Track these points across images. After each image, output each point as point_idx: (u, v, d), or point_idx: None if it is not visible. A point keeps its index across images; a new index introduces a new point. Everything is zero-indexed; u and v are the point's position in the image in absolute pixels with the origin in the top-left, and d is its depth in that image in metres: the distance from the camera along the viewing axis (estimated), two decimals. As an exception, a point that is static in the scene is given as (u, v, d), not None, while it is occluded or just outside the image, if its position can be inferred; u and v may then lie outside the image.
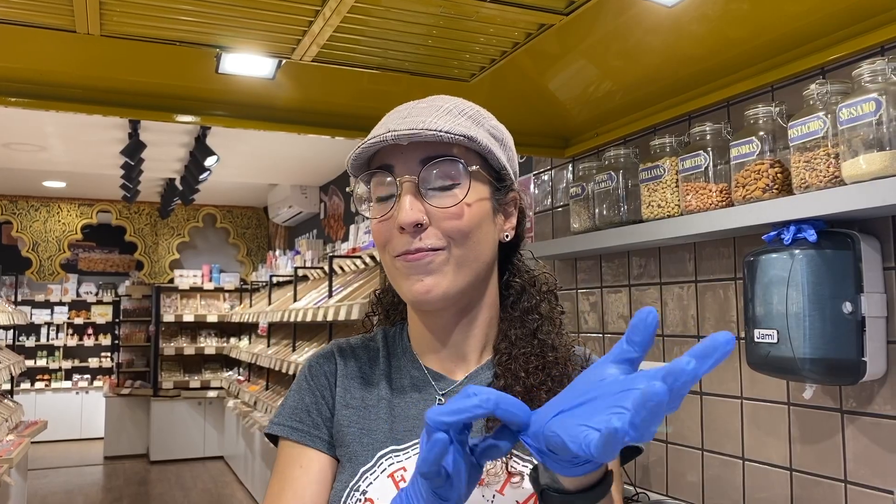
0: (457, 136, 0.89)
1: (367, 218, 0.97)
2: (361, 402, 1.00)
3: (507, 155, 0.98)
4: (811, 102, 1.61)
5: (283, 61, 1.98)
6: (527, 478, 0.90)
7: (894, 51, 1.59)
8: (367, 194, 0.95)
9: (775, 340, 1.62)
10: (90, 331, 10.33)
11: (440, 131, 0.88)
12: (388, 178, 0.92)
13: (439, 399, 0.98)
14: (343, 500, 0.93)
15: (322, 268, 5.64)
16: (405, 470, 0.93)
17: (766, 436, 1.89)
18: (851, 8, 1.58)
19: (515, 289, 1.02)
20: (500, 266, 1.03)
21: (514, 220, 1.01)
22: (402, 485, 0.91)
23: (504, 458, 0.91)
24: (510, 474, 0.91)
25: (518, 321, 0.99)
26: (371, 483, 0.93)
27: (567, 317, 2.85)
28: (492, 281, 1.00)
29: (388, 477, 0.93)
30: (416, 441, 0.94)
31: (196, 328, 8.89)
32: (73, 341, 10.25)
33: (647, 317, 0.66)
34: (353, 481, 0.94)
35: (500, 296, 1.03)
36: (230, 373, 8.52)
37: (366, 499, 0.92)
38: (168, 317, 8.59)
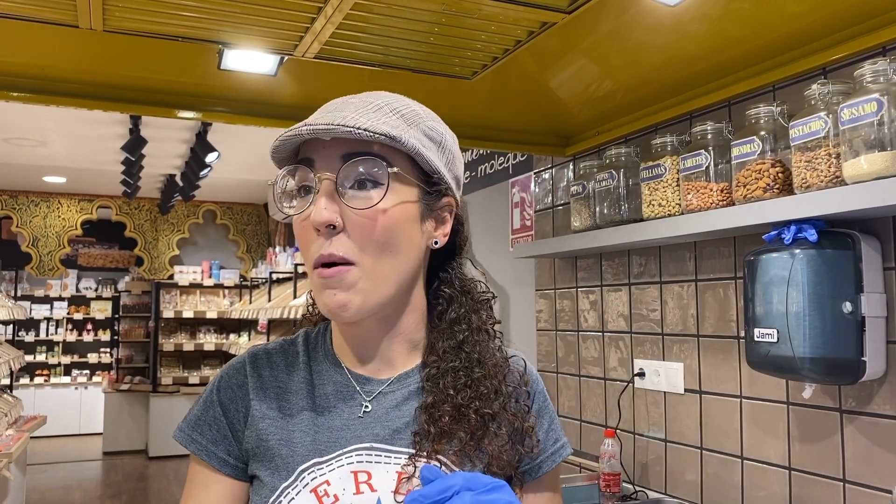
0: (376, 135, 0.85)
1: (286, 214, 0.92)
2: (279, 413, 0.94)
3: (444, 158, 0.94)
4: (812, 102, 1.61)
5: (285, 58, 1.98)
6: None
7: (896, 51, 1.59)
8: (291, 189, 0.92)
9: (775, 340, 1.62)
10: (89, 326, 10.33)
11: (358, 128, 0.84)
12: (310, 174, 0.89)
13: (365, 406, 0.93)
14: None
15: (322, 265, 5.63)
16: (328, 483, 0.88)
17: (765, 435, 1.89)
18: (853, 8, 1.58)
19: (444, 298, 0.98)
20: (432, 273, 1.00)
21: (447, 227, 0.96)
22: (325, 499, 0.87)
23: None
24: None
25: (446, 332, 0.96)
26: (293, 499, 0.88)
27: (567, 315, 2.86)
28: (417, 288, 0.97)
29: (310, 492, 0.88)
30: (341, 452, 0.90)
31: (195, 324, 8.89)
32: (72, 336, 10.25)
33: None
34: (274, 497, 0.89)
35: (429, 304, 0.99)
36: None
37: None
38: (167, 313, 8.59)
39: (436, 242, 0.95)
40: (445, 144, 0.95)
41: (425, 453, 0.88)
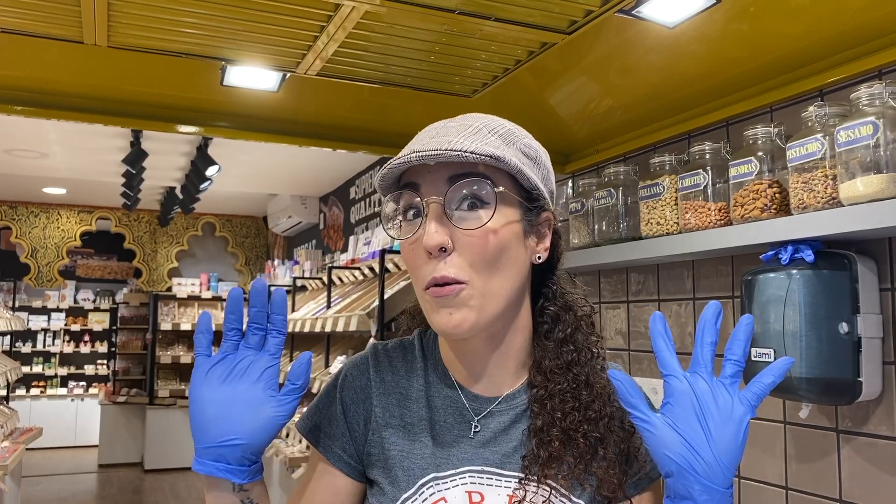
0: (482, 157, 0.86)
1: (395, 238, 0.95)
2: (401, 422, 0.97)
3: (540, 174, 0.96)
4: (809, 124, 1.63)
5: (288, 75, 2.00)
6: None
7: (892, 75, 1.61)
8: (394, 213, 0.94)
9: (772, 359, 1.63)
10: (87, 338, 10.31)
11: (465, 151, 0.86)
12: (416, 199, 0.90)
13: (475, 427, 0.95)
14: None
15: (321, 278, 5.64)
16: (445, 501, 0.91)
17: (762, 454, 1.90)
18: (850, 32, 1.60)
19: (550, 315, 0.98)
20: (535, 289, 1.00)
21: (547, 242, 0.97)
22: None
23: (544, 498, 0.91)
24: None
25: (553, 352, 0.96)
26: None
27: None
28: (524, 305, 0.97)
29: None
30: (455, 472, 0.93)
31: (193, 337, 8.86)
32: (69, 348, 10.22)
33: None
34: None
35: (535, 320, 1.00)
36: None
37: None
38: (165, 325, 8.58)
39: (539, 258, 0.96)
40: (540, 160, 0.97)
41: (536, 477, 0.90)
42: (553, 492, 0.90)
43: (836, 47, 1.66)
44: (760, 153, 1.74)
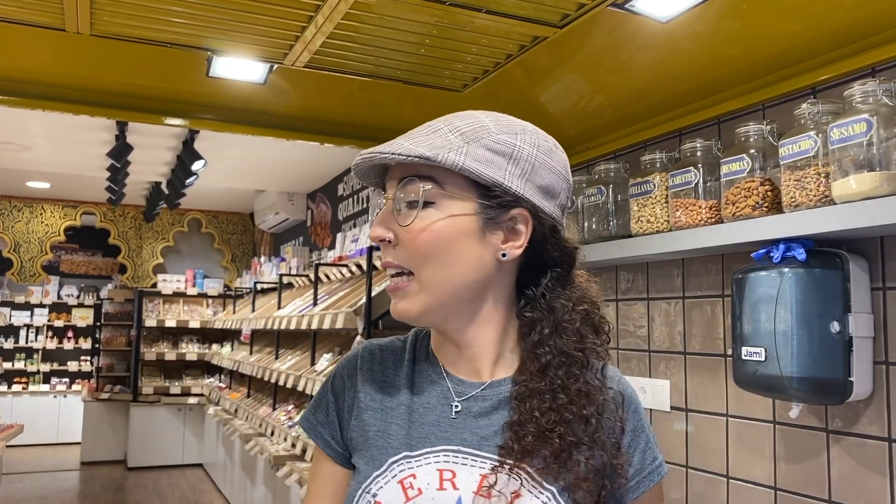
0: (409, 157, 0.92)
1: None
2: (381, 405, 1.02)
3: (517, 169, 0.95)
4: (802, 122, 1.61)
5: (275, 66, 1.96)
6: None
7: (885, 72, 1.60)
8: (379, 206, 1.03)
9: (763, 359, 1.62)
10: (70, 334, 10.20)
11: (393, 153, 0.92)
12: (384, 194, 1.00)
13: (456, 406, 0.98)
14: (355, 501, 0.97)
15: (307, 275, 5.60)
16: (415, 477, 0.94)
17: (751, 454, 1.88)
18: (843, 29, 1.59)
19: (526, 319, 0.99)
20: (523, 288, 1.01)
21: (521, 239, 0.96)
22: (409, 491, 0.93)
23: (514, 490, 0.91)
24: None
25: (531, 354, 0.97)
26: (382, 487, 0.95)
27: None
28: (488, 301, 0.98)
29: (398, 483, 0.95)
30: (429, 449, 0.96)
31: (178, 334, 8.79)
32: (52, 344, 10.11)
33: None
34: (366, 484, 0.97)
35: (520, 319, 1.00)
36: (211, 380, 8.43)
37: (376, 501, 0.95)
38: (150, 321, 8.50)
39: (503, 255, 0.96)
40: (519, 155, 0.95)
41: (509, 465, 0.91)
42: (527, 477, 0.91)
43: (829, 45, 1.65)
44: (752, 151, 1.73)
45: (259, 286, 7.09)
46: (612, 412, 0.96)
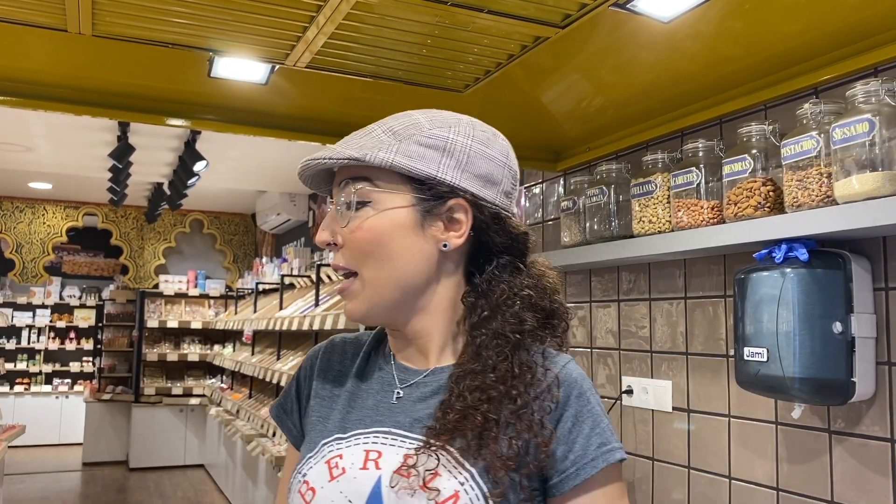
0: (339, 161, 0.97)
1: None
2: (329, 393, 1.07)
3: (452, 161, 0.98)
4: (804, 122, 1.61)
5: (276, 67, 1.96)
6: (444, 491, 0.89)
7: (888, 72, 1.59)
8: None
9: (765, 359, 1.61)
10: (72, 335, 10.22)
11: (325, 158, 0.97)
12: (331, 200, 1.05)
13: (398, 392, 1.01)
14: (291, 482, 1.01)
15: (309, 276, 5.61)
16: (341, 457, 0.96)
17: (753, 455, 1.88)
18: (845, 29, 1.59)
19: (468, 303, 1.01)
20: (470, 273, 1.04)
21: (462, 228, 0.99)
22: (334, 470, 0.95)
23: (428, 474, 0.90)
24: (427, 488, 0.90)
25: (468, 336, 1.00)
26: (311, 467, 0.98)
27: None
28: (434, 291, 1.01)
29: (325, 462, 0.97)
30: (361, 431, 0.99)
31: (180, 334, 8.81)
32: (54, 345, 10.13)
33: None
34: (300, 465, 1.01)
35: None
36: (213, 380, 8.44)
37: (304, 480, 0.98)
38: (152, 322, 8.51)
39: (445, 245, 0.99)
40: (453, 147, 0.98)
41: (435, 446, 0.92)
42: (449, 457, 0.91)
43: (832, 45, 1.64)
44: (754, 151, 1.72)
45: (261, 287, 7.09)
46: (544, 393, 0.95)
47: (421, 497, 0.89)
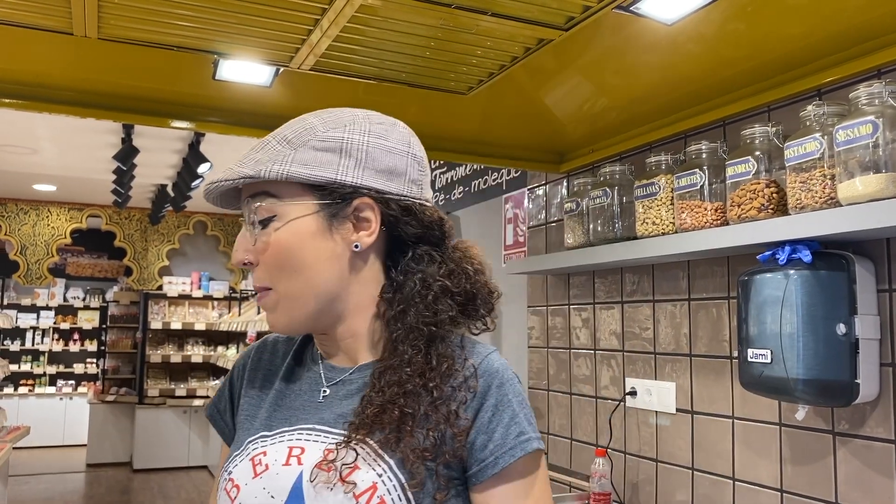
0: (236, 181, 0.96)
1: None
2: (258, 392, 1.07)
3: (351, 161, 0.96)
4: (808, 123, 1.61)
5: (281, 69, 1.97)
6: (361, 484, 0.89)
7: (891, 74, 1.60)
8: None
9: (769, 361, 1.62)
10: (76, 336, 10.24)
11: (222, 181, 0.97)
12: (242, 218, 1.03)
13: (324, 391, 1.01)
14: (219, 480, 1.02)
15: (312, 278, 5.61)
16: (265, 454, 0.96)
17: (757, 456, 1.88)
18: (848, 31, 1.59)
19: (385, 299, 1.01)
20: (389, 268, 1.03)
21: (371, 226, 0.98)
22: (258, 467, 0.95)
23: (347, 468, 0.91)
24: (345, 482, 0.90)
25: (386, 331, 1.00)
26: (237, 465, 0.98)
27: (559, 332, 2.84)
28: (353, 293, 1.00)
29: (249, 460, 0.97)
30: (286, 429, 0.99)
31: (184, 336, 8.82)
32: (58, 346, 10.15)
33: None
34: (226, 463, 1.01)
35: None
36: (217, 382, 8.45)
37: (230, 478, 0.98)
38: (156, 324, 8.52)
39: (356, 246, 0.98)
40: (350, 147, 0.97)
41: (355, 440, 0.92)
42: (368, 450, 0.92)
43: (835, 47, 1.65)
44: (758, 153, 1.73)
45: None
46: (462, 384, 0.95)
47: (339, 490, 0.89)
